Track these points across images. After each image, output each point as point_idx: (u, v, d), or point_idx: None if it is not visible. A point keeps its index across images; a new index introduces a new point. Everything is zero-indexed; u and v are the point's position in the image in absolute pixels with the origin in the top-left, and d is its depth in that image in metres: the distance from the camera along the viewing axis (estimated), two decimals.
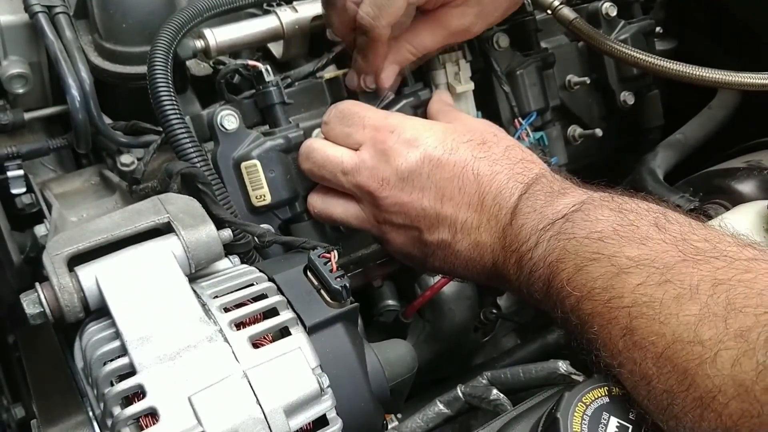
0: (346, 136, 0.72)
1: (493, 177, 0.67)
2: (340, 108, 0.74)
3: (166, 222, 0.57)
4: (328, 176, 0.72)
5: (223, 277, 0.57)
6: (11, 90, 0.78)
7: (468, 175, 0.67)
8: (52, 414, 0.54)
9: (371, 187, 0.69)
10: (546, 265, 0.58)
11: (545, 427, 0.49)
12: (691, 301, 0.47)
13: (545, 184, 0.65)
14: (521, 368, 0.77)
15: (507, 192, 0.66)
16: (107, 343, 0.50)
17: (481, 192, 0.67)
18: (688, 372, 0.45)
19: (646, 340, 0.48)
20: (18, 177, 0.77)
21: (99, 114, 0.75)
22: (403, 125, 0.70)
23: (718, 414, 0.44)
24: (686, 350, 0.45)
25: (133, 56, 0.78)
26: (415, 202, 0.69)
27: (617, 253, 0.52)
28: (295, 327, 0.54)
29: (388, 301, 0.94)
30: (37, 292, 0.52)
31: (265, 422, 0.48)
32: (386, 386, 0.58)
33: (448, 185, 0.68)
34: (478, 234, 0.67)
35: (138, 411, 0.46)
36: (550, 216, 0.60)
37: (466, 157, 0.68)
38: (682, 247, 0.50)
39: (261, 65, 0.75)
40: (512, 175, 0.67)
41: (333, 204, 0.74)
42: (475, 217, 0.67)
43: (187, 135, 0.67)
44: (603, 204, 0.58)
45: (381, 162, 0.69)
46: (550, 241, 0.58)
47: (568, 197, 0.61)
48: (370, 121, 0.72)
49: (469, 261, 0.68)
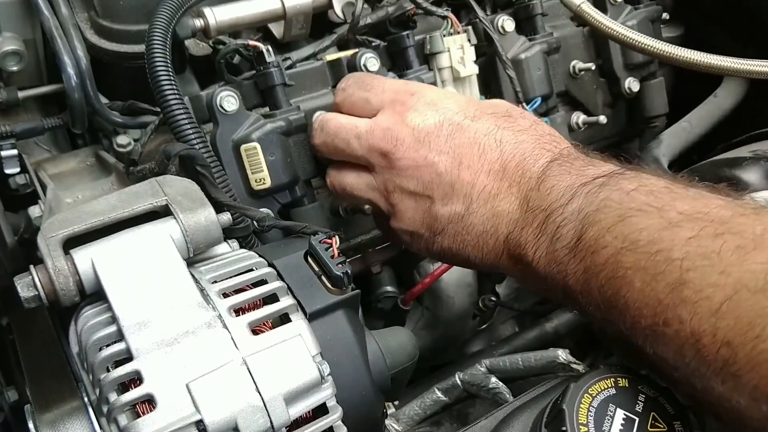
0: (365, 101, 0.70)
1: (517, 145, 0.64)
2: (358, 75, 0.73)
3: (164, 205, 0.56)
4: (342, 144, 0.69)
5: (222, 262, 0.56)
6: (5, 67, 0.77)
7: (490, 143, 0.64)
8: (47, 399, 0.53)
9: (385, 147, 0.66)
10: (580, 218, 0.54)
11: (550, 418, 0.48)
12: (756, 251, 0.44)
13: (578, 154, 0.62)
14: (520, 356, 0.77)
15: (532, 159, 0.63)
16: (103, 328, 0.49)
17: (503, 159, 0.63)
18: (754, 323, 0.42)
19: (700, 293, 0.44)
20: (12, 157, 0.76)
21: (95, 93, 0.74)
22: (424, 89, 0.68)
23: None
24: (753, 300, 0.42)
25: (131, 34, 0.76)
26: (431, 165, 0.65)
27: (668, 206, 0.49)
28: (296, 313, 0.53)
29: (386, 287, 0.94)
30: (32, 275, 0.51)
31: (264, 410, 0.47)
32: (387, 374, 0.57)
33: (468, 151, 0.64)
34: (496, 202, 0.63)
35: (135, 398, 0.46)
36: (589, 176, 0.57)
37: (489, 126, 0.65)
38: (737, 205, 0.48)
39: (262, 45, 0.74)
40: (539, 144, 0.64)
41: (346, 173, 0.71)
42: (495, 184, 0.63)
43: (185, 116, 0.66)
44: (647, 173, 0.55)
45: (398, 122, 0.66)
46: (589, 195, 0.55)
47: (611, 165, 0.59)
48: (391, 86, 0.70)
49: (481, 236, 0.64)
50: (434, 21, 0.87)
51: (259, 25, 0.84)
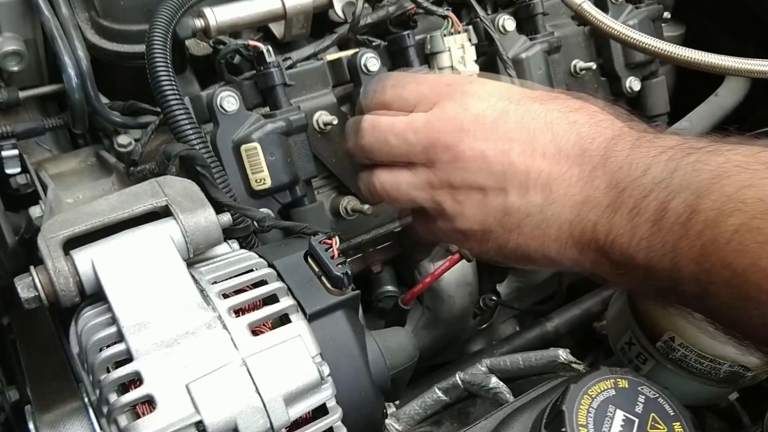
0: (420, 96, 0.65)
1: (569, 126, 0.59)
2: (390, 76, 0.69)
3: (164, 205, 0.56)
4: (395, 142, 0.64)
5: (222, 263, 0.56)
6: (6, 68, 0.77)
7: (539, 125, 0.59)
8: (47, 400, 0.54)
9: (448, 139, 0.61)
10: (693, 187, 0.48)
11: (550, 419, 0.48)
12: None
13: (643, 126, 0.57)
14: (521, 356, 0.77)
15: (588, 136, 0.58)
16: (103, 329, 0.49)
17: (556, 140, 0.58)
18: None
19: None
20: (13, 157, 0.76)
21: (96, 93, 0.74)
22: (483, 78, 0.65)
23: None
24: None
25: (131, 34, 0.76)
26: (502, 154, 0.59)
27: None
28: (296, 314, 0.53)
29: (387, 286, 0.94)
30: (32, 276, 0.51)
31: (264, 411, 0.47)
32: (387, 375, 0.58)
33: (540, 135, 0.59)
34: (580, 187, 0.57)
35: (135, 398, 0.46)
36: (670, 148, 0.52)
37: (537, 108, 0.60)
38: None
39: (262, 45, 0.74)
40: (594, 122, 0.58)
41: (401, 174, 0.65)
42: (575, 171, 0.57)
43: (185, 116, 0.66)
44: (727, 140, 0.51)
45: (459, 112, 0.61)
46: (696, 164, 0.49)
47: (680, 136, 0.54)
48: (428, 79, 0.65)
49: (563, 227, 0.58)
50: (435, 20, 0.86)
51: (260, 25, 0.83)
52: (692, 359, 0.57)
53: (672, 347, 0.58)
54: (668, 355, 0.59)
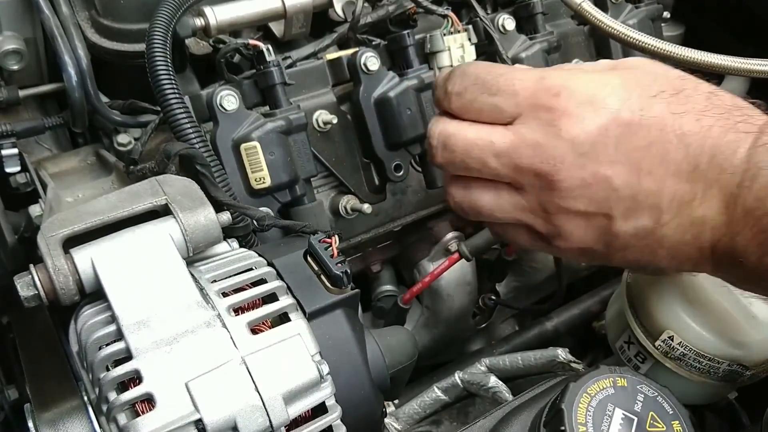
0: (494, 109, 0.58)
1: (704, 134, 0.53)
2: (473, 72, 0.60)
3: (163, 204, 0.56)
4: (476, 164, 0.59)
5: (222, 261, 0.56)
6: (6, 66, 0.77)
7: (670, 138, 0.54)
8: (46, 398, 0.54)
9: (542, 168, 0.56)
10: None
11: (549, 417, 0.48)
12: None
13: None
14: (520, 355, 0.77)
15: (728, 149, 0.52)
16: (103, 327, 0.49)
17: (691, 156, 0.53)
18: None
19: None
20: (12, 156, 0.76)
21: (96, 92, 0.74)
22: (571, 84, 0.56)
23: None
24: None
25: (131, 33, 0.76)
26: (604, 181, 0.55)
27: None
28: (295, 313, 0.53)
29: (386, 286, 0.94)
30: (32, 274, 0.51)
31: (263, 409, 0.47)
32: (386, 374, 0.58)
33: (646, 155, 0.54)
34: (693, 209, 0.53)
35: (134, 397, 0.46)
36: None
37: (663, 116, 0.54)
38: None
39: (262, 44, 0.74)
40: (730, 126, 0.53)
41: (479, 193, 0.61)
42: (688, 188, 0.53)
43: (185, 115, 0.66)
44: None
45: (550, 135, 0.56)
46: None
47: None
48: (524, 84, 0.58)
49: (678, 246, 0.55)
50: (435, 20, 0.86)
51: (260, 24, 0.84)
52: (691, 358, 0.57)
53: (671, 346, 0.58)
54: (667, 354, 0.59)
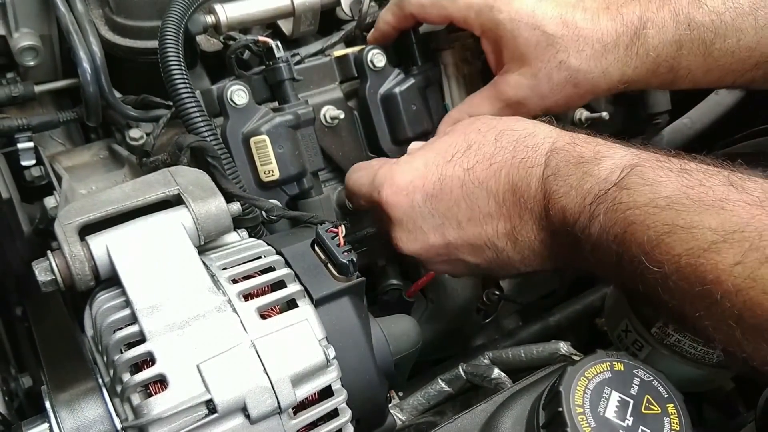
0: (357, 201, 0.75)
1: (497, 176, 0.62)
2: (349, 177, 0.76)
3: (176, 194, 0.57)
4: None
5: (232, 250, 0.57)
6: (22, 62, 0.78)
7: (471, 190, 0.63)
8: (62, 381, 0.55)
9: (399, 248, 0.69)
10: (611, 240, 0.52)
11: (548, 400, 0.50)
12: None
13: (567, 153, 0.59)
14: (523, 348, 0.78)
15: (522, 183, 0.61)
16: (117, 312, 0.51)
17: (494, 197, 0.62)
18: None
19: (765, 327, 0.43)
20: (28, 149, 0.77)
21: (110, 87, 0.75)
22: (388, 179, 0.68)
23: None
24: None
25: (144, 31, 0.78)
26: (438, 242, 0.66)
27: (695, 222, 0.47)
28: (302, 299, 0.54)
29: (391, 279, 0.95)
30: (49, 260, 0.52)
31: (272, 391, 0.48)
32: (391, 360, 0.59)
33: (458, 210, 0.64)
34: (517, 234, 0.62)
35: (147, 378, 0.47)
36: (594, 188, 0.54)
37: (459, 175, 0.64)
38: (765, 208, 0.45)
39: (271, 41, 0.75)
40: (518, 163, 0.61)
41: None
42: (503, 223, 0.63)
43: (197, 109, 0.68)
44: (660, 165, 0.52)
45: (386, 223, 0.69)
46: (607, 215, 0.52)
47: (608, 161, 0.55)
48: (362, 189, 0.72)
49: (524, 260, 0.64)
50: None
51: (269, 21, 0.85)
52: (686, 344, 0.58)
53: (666, 332, 0.59)
54: (663, 340, 0.60)
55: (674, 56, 0.69)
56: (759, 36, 0.66)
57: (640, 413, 0.48)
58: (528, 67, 0.71)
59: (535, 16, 0.69)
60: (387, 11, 0.80)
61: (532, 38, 0.70)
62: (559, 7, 0.70)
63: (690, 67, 0.69)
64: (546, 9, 0.70)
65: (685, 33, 0.67)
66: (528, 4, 0.70)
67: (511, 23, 0.70)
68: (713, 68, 0.69)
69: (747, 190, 0.46)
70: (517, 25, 0.70)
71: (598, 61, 0.69)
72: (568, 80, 0.70)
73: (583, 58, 0.69)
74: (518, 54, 0.71)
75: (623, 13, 0.69)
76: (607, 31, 0.69)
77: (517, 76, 0.72)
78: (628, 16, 0.68)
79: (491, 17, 0.71)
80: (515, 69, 0.72)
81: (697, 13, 0.66)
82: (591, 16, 0.69)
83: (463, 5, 0.73)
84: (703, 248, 0.46)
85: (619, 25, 0.69)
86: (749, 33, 0.66)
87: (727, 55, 0.67)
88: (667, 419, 0.48)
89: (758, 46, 0.66)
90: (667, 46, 0.68)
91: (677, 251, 0.47)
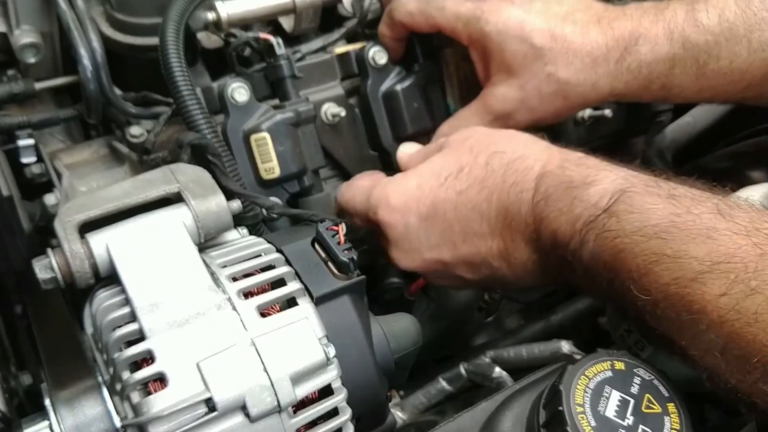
0: (350, 218, 0.75)
1: (489, 200, 0.63)
2: (339, 192, 0.77)
3: (176, 191, 0.57)
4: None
5: (232, 248, 0.57)
6: (23, 59, 0.78)
7: (463, 213, 0.64)
8: (62, 378, 0.55)
9: (397, 265, 0.70)
10: (601, 265, 0.53)
11: (548, 399, 0.50)
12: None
13: (557, 178, 0.59)
14: (524, 347, 0.78)
15: (513, 207, 0.61)
16: (117, 309, 0.50)
17: (486, 219, 0.63)
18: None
19: (753, 356, 0.43)
20: (29, 146, 0.77)
21: (110, 84, 0.75)
22: (384, 199, 0.68)
23: None
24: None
25: (145, 27, 0.78)
26: (434, 261, 0.67)
27: (681, 252, 0.47)
28: (303, 297, 0.54)
29: (392, 278, 0.95)
30: (49, 258, 0.52)
31: (271, 389, 0.48)
32: (391, 358, 0.59)
33: (452, 232, 0.65)
34: (510, 254, 0.63)
35: (147, 376, 0.47)
36: (584, 214, 0.54)
37: (451, 198, 0.65)
38: (757, 239, 0.44)
39: (272, 38, 0.75)
40: (508, 187, 0.62)
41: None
42: (497, 243, 0.63)
43: (197, 107, 0.68)
44: (649, 190, 0.52)
45: (386, 242, 0.69)
46: (597, 240, 0.53)
47: (597, 186, 0.55)
48: (359, 206, 0.72)
49: (519, 278, 0.65)
50: None
51: (270, 18, 0.85)
52: None
53: None
54: None
55: (667, 74, 0.69)
56: (751, 59, 0.66)
57: (640, 412, 0.48)
58: (515, 79, 0.71)
59: (524, 28, 0.69)
60: (382, 23, 0.80)
61: (519, 51, 0.70)
62: (548, 19, 0.70)
63: (682, 85, 0.69)
64: (535, 21, 0.70)
65: (679, 52, 0.67)
66: (516, 16, 0.70)
67: (498, 35, 0.70)
68: (705, 88, 0.69)
69: (734, 218, 0.46)
70: (505, 38, 0.70)
71: (587, 74, 0.69)
72: (558, 93, 0.71)
73: (572, 71, 0.69)
74: (505, 66, 0.71)
75: (614, 27, 0.69)
76: (597, 45, 0.69)
77: (505, 88, 0.72)
78: (620, 30, 0.69)
79: (479, 28, 0.71)
80: (502, 81, 0.72)
81: (692, 31, 0.66)
82: (581, 29, 0.69)
83: (451, 15, 0.73)
84: (689, 278, 0.46)
85: (609, 39, 0.69)
86: (742, 55, 0.66)
87: (720, 77, 0.68)
88: (668, 418, 0.48)
89: (750, 69, 0.67)
90: (660, 63, 0.68)
91: (665, 280, 0.48)
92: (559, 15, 0.70)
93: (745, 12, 0.65)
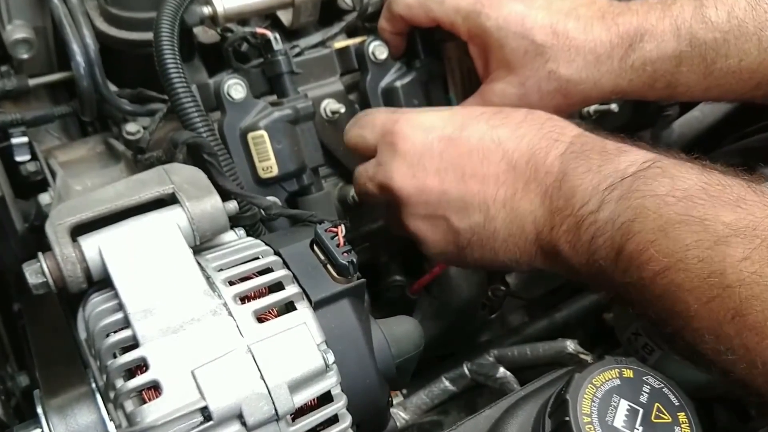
0: (360, 138, 0.71)
1: (519, 139, 0.62)
2: (356, 115, 0.74)
3: (170, 193, 0.56)
4: (363, 189, 0.71)
5: (228, 250, 0.56)
6: (16, 55, 0.77)
7: (488, 145, 0.62)
8: (55, 385, 0.54)
9: (387, 182, 0.67)
10: (616, 228, 0.52)
11: (554, 408, 0.48)
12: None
13: (592, 142, 0.59)
14: (528, 346, 0.77)
15: (542, 152, 0.60)
16: (110, 315, 0.49)
17: (509, 158, 0.62)
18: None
19: (765, 324, 0.42)
20: (22, 144, 0.76)
21: (104, 81, 0.74)
22: (409, 114, 0.68)
23: None
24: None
25: (139, 22, 0.76)
26: (434, 186, 0.64)
27: (709, 215, 0.47)
28: (301, 302, 0.53)
29: (395, 276, 0.94)
30: (40, 262, 0.51)
31: (268, 397, 0.47)
32: (392, 363, 0.57)
33: (467, 161, 0.63)
34: (515, 202, 0.61)
35: (141, 384, 0.46)
36: (612, 175, 0.55)
37: (482, 128, 0.63)
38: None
39: (270, 33, 0.74)
40: (543, 134, 0.61)
41: (386, 213, 0.74)
42: (508, 186, 0.61)
43: (193, 104, 0.66)
44: (681, 162, 0.52)
45: (390, 154, 0.66)
46: (620, 202, 0.52)
47: (630, 155, 0.56)
48: (379, 117, 0.70)
49: (508, 239, 0.63)
50: None
51: (268, 12, 0.83)
52: None
53: None
54: None
55: (673, 72, 0.67)
56: (762, 57, 0.65)
57: (650, 422, 0.47)
58: (515, 76, 0.70)
59: (524, 24, 0.68)
60: (382, 17, 0.79)
61: (520, 47, 0.68)
62: (550, 15, 0.68)
63: (689, 84, 0.68)
64: (536, 17, 0.68)
65: (686, 50, 0.66)
66: (517, 11, 0.68)
67: (498, 31, 0.69)
68: (713, 87, 0.68)
69: (765, 194, 0.47)
70: (505, 33, 0.69)
71: (589, 72, 0.68)
72: (558, 91, 0.69)
73: (574, 68, 0.68)
74: (505, 62, 0.70)
75: (619, 23, 0.67)
76: (600, 42, 0.67)
77: (504, 85, 0.71)
78: (624, 26, 0.67)
79: (479, 23, 0.70)
80: (502, 77, 0.71)
81: (699, 28, 0.65)
82: (584, 26, 0.68)
83: (451, 9, 0.71)
84: (713, 240, 0.46)
85: (613, 35, 0.67)
86: (752, 54, 0.65)
87: (728, 75, 0.66)
88: (678, 429, 0.47)
89: (760, 67, 0.65)
90: (665, 61, 0.67)
91: (687, 242, 0.47)
92: (562, 10, 0.69)
93: (756, 9, 0.64)
